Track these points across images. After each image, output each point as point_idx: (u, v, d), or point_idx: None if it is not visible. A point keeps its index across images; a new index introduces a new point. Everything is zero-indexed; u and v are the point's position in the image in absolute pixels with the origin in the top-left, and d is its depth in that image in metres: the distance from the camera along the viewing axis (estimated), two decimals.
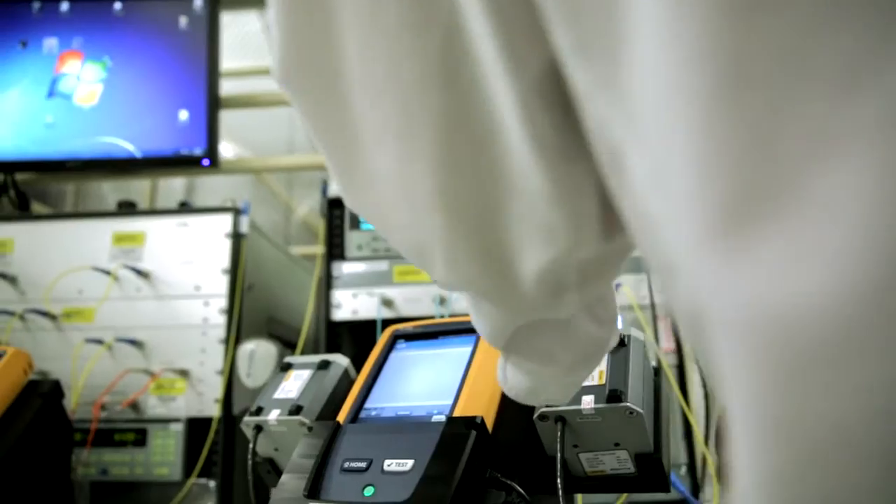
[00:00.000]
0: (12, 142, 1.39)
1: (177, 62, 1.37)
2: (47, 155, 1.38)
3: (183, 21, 1.38)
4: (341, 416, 0.73)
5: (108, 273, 1.24)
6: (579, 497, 0.90)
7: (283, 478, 0.68)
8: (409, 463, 0.64)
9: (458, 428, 0.65)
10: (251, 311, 1.28)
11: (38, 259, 1.28)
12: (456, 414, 0.67)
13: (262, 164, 1.66)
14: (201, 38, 1.37)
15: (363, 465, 0.66)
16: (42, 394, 0.99)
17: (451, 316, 1.16)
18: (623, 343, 0.72)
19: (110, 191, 2.15)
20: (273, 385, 0.85)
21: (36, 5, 1.40)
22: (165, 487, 1.16)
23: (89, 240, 1.27)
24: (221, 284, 1.23)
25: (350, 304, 1.18)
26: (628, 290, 1.14)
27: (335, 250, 1.22)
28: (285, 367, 0.87)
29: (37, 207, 1.61)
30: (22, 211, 1.49)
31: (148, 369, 1.20)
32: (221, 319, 1.22)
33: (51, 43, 1.39)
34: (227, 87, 1.47)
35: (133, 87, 1.37)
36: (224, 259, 1.24)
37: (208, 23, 1.39)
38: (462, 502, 0.59)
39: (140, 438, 1.17)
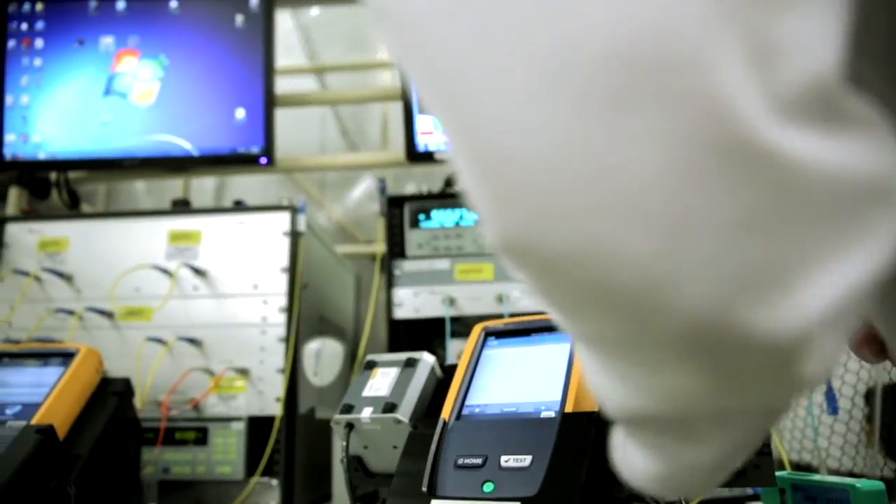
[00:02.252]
0: (67, 140, 1.38)
1: (233, 60, 1.37)
2: (103, 153, 1.37)
3: (239, 19, 1.38)
4: (445, 414, 0.73)
5: (166, 272, 1.23)
6: None
7: (396, 477, 0.68)
8: (528, 459, 0.64)
9: (577, 423, 0.65)
10: (305, 310, 1.28)
11: (93, 257, 1.27)
12: (567, 410, 0.67)
13: (318, 163, 1.66)
14: (257, 35, 1.37)
15: (478, 461, 0.66)
16: (116, 392, 0.99)
17: (511, 315, 1.16)
18: None
19: (142, 190, 2.15)
20: (359, 383, 0.84)
21: (92, 4, 1.39)
22: (227, 486, 1.15)
23: (144, 238, 1.27)
24: (279, 283, 1.23)
25: (412, 303, 1.18)
26: None
27: (395, 249, 1.22)
28: (370, 366, 0.87)
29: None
30: (72, 209, 1.49)
31: (208, 368, 1.19)
32: (280, 318, 1.21)
33: (107, 41, 1.39)
34: None
35: (189, 86, 1.37)
36: (282, 258, 1.24)
37: (264, 20, 1.39)
38: (589, 497, 0.59)
39: (201, 437, 1.17)
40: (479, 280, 1.19)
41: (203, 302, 1.23)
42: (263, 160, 1.35)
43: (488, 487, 0.63)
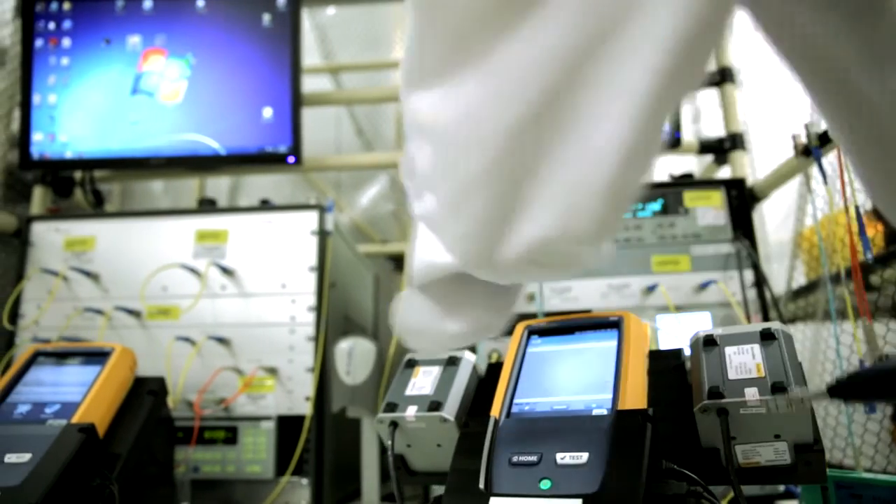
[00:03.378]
0: (95, 139, 1.38)
1: (260, 59, 1.37)
2: (130, 153, 1.37)
3: (266, 18, 1.38)
4: (494, 412, 0.73)
5: (194, 271, 1.23)
6: None
7: (451, 475, 0.68)
8: (584, 456, 0.64)
9: (631, 420, 0.65)
10: (332, 310, 1.28)
11: (120, 256, 1.27)
12: (620, 408, 0.68)
13: (345, 162, 1.66)
14: (284, 35, 1.37)
15: (534, 458, 0.66)
16: (151, 391, 0.99)
17: (547, 314, 1.16)
18: (772, 336, 0.73)
19: (157, 189, 2.15)
20: (401, 382, 0.84)
21: (119, 3, 1.39)
22: (257, 485, 1.15)
23: (171, 237, 1.27)
24: (308, 282, 1.23)
25: None
26: (723, 285, 1.15)
27: None
28: (411, 364, 0.87)
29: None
30: (97, 208, 1.49)
31: (237, 367, 1.19)
32: (309, 317, 1.21)
33: (134, 40, 1.38)
34: None
35: (217, 85, 1.37)
36: (310, 257, 1.24)
37: (291, 19, 1.39)
38: (647, 493, 0.60)
39: (230, 436, 1.17)
40: None
41: (230, 301, 1.23)
42: (291, 159, 1.35)
43: (545, 484, 0.63)
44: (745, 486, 0.66)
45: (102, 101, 1.38)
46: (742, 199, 1.22)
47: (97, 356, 0.98)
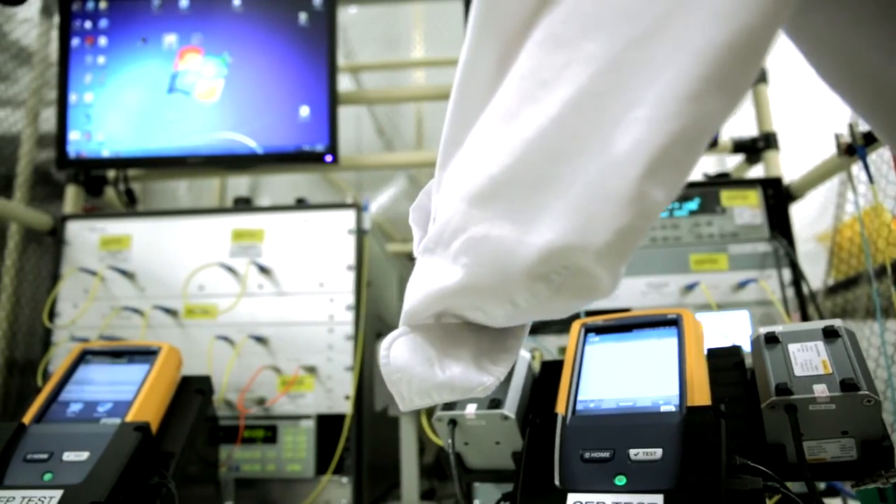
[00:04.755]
0: (131, 137, 1.38)
1: (297, 58, 1.37)
2: (167, 151, 1.37)
3: (302, 17, 1.38)
4: (560, 409, 0.73)
5: (232, 270, 1.23)
6: None
7: (524, 472, 0.68)
8: (658, 452, 0.65)
9: (703, 417, 0.65)
10: (368, 308, 1.28)
11: (155, 255, 1.27)
12: (689, 404, 0.68)
13: (382, 161, 1.65)
14: (321, 33, 1.37)
15: (606, 455, 0.66)
16: (199, 390, 0.99)
17: (588, 313, 1.16)
18: (836, 333, 0.73)
19: (178, 188, 2.15)
20: None
21: (156, 2, 1.39)
22: (297, 484, 1.15)
23: (207, 236, 1.27)
24: (346, 281, 1.23)
25: None
26: (765, 284, 1.16)
27: None
28: None
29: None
30: (129, 207, 1.48)
31: (276, 366, 1.19)
32: (348, 316, 1.21)
33: (170, 39, 1.38)
34: None
35: (254, 83, 1.36)
36: (347, 255, 1.24)
37: (328, 18, 1.39)
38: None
39: (270, 436, 1.17)
40: None
41: (268, 300, 1.23)
42: (329, 158, 1.35)
43: (620, 481, 0.63)
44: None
45: (139, 100, 1.38)
46: (778, 198, 1.23)
47: (144, 355, 0.98)
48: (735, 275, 1.18)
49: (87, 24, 1.39)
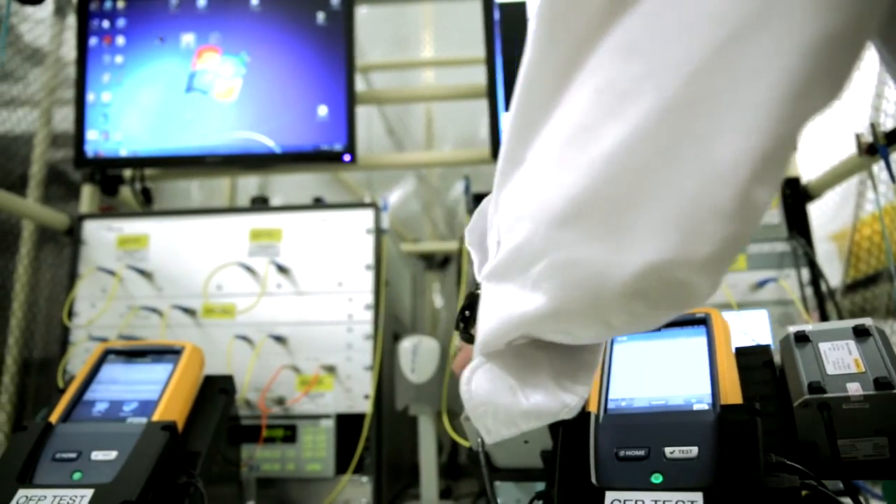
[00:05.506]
0: (149, 137, 1.38)
1: (315, 57, 1.37)
2: (186, 151, 1.37)
3: (320, 16, 1.37)
4: (592, 407, 0.73)
5: (251, 270, 1.23)
6: None
7: (559, 470, 0.68)
8: (693, 450, 0.65)
9: (739, 415, 0.66)
10: (385, 308, 1.28)
11: (173, 255, 1.27)
12: (722, 403, 0.68)
13: (401, 161, 1.65)
14: (339, 33, 1.37)
15: (641, 453, 0.66)
16: (222, 390, 0.99)
17: None
18: (867, 332, 0.73)
19: (185, 188, 2.15)
20: None
21: (173, 1, 1.39)
22: (317, 483, 1.15)
23: (224, 236, 1.27)
24: (364, 280, 1.23)
25: None
26: (785, 283, 1.16)
27: None
28: None
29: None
30: (146, 206, 1.48)
31: (295, 366, 1.19)
32: (366, 315, 1.21)
33: (188, 38, 1.38)
34: None
35: (272, 83, 1.36)
36: (366, 255, 1.24)
37: (345, 18, 1.39)
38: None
39: (289, 435, 1.17)
40: None
41: (286, 299, 1.23)
42: (347, 157, 1.35)
43: (657, 478, 0.64)
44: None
45: (156, 100, 1.37)
46: (796, 197, 1.23)
47: (167, 354, 0.98)
48: (753, 274, 1.18)
49: (105, 24, 1.39)
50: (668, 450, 0.65)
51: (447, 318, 2.05)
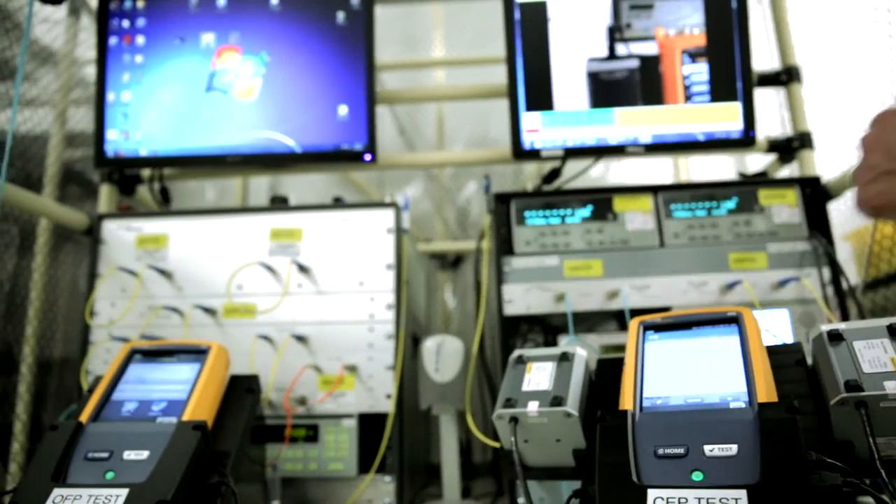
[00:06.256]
0: (169, 136, 1.37)
1: (335, 57, 1.37)
2: (206, 150, 1.36)
3: (340, 16, 1.38)
4: (628, 406, 0.73)
5: (270, 269, 1.23)
6: None
7: (599, 469, 0.68)
8: (733, 448, 0.65)
9: (777, 413, 0.66)
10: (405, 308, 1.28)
11: (193, 255, 1.27)
12: (760, 401, 0.68)
13: (421, 160, 1.65)
14: (359, 32, 1.37)
15: (681, 451, 0.67)
16: (249, 389, 0.99)
17: (632, 312, 1.17)
18: None
19: (194, 188, 2.15)
20: (514, 378, 0.85)
21: (193, 1, 1.39)
22: (339, 483, 1.15)
23: (244, 235, 1.27)
24: (385, 280, 1.23)
25: (523, 300, 1.19)
26: (807, 282, 1.16)
27: (503, 246, 1.22)
28: (521, 361, 0.87)
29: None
30: (164, 206, 1.48)
31: (317, 365, 1.19)
32: (388, 315, 1.21)
33: (208, 38, 1.38)
34: None
35: (292, 82, 1.36)
36: (386, 254, 1.24)
37: (365, 17, 1.39)
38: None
39: (312, 435, 1.17)
40: (589, 276, 1.19)
41: (307, 299, 1.23)
42: (368, 157, 1.35)
43: (698, 476, 0.64)
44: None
45: (176, 99, 1.37)
46: (816, 196, 1.23)
47: (194, 354, 0.98)
48: (774, 273, 1.18)
49: (125, 23, 1.39)
50: (707, 448, 0.65)
51: (459, 318, 2.06)
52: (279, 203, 1.30)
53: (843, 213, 1.46)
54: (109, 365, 1.20)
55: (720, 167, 2.07)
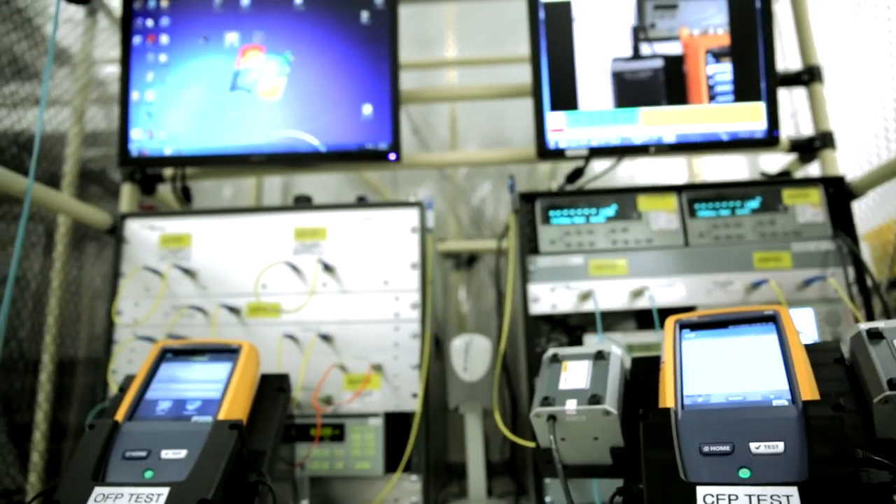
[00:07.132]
0: (194, 136, 1.38)
1: (359, 56, 1.37)
2: (231, 149, 1.37)
3: (364, 15, 1.38)
4: (669, 404, 0.73)
5: (295, 268, 1.23)
6: None
7: (646, 466, 0.68)
8: (780, 445, 0.65)
9: (822, 410, 0.66)
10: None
11: (217, 254, 1.27)
12: (804, 399, 0.68)
13: (441, 160, 1.65)
14: (383, 32, 1.37)
15: (727, 448, 0.67)
16: (280, 389, 0.99)
17: (661, 311, 1.17)
18: None
19: (208, 188, 2.15)
20: (550, 377, 0.85)
21: (217, 0, 1.39)
22: (365, 481, 1.15)
23: (268, 235, 1.27)
24: (410, 279, 1.23)
25: (548, 299, 1.19)
26: (834, 281, 1.16)
27: (529, 245, 1.23)
28: (556, 359, 0.87)
29: None
30: (185, 205, 1.48)
31: (342, 364, 1.19)
32: (413, 314, 1.21)
33: (232, 37, 1.38)
34: None
35: (316, 82, 1.36)
36: (411, 254, 1.24)
37: (390, 17, 1.40)
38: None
39: (338, 434, 1.17)
40: (614, 275, 1.20)
41: (331, 298, 1.23)
42: (393, 156, 1.35)
43: (745, 473, 0.64)
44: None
45: (200, 98, 1.38)
46: (840, 196, 1.23)
47: (225, 353, 0.98)
48: (798, 272, 1.19)
49: (149, 23, 1.39)
50: (753, 445, 0.66)
51: (473, 318, 2.06)
52: (303, 202, 1.30)
53: (863, 211, 1.46)
54: (134, 365, 1.21)
55: (733, 166, 2.07)
